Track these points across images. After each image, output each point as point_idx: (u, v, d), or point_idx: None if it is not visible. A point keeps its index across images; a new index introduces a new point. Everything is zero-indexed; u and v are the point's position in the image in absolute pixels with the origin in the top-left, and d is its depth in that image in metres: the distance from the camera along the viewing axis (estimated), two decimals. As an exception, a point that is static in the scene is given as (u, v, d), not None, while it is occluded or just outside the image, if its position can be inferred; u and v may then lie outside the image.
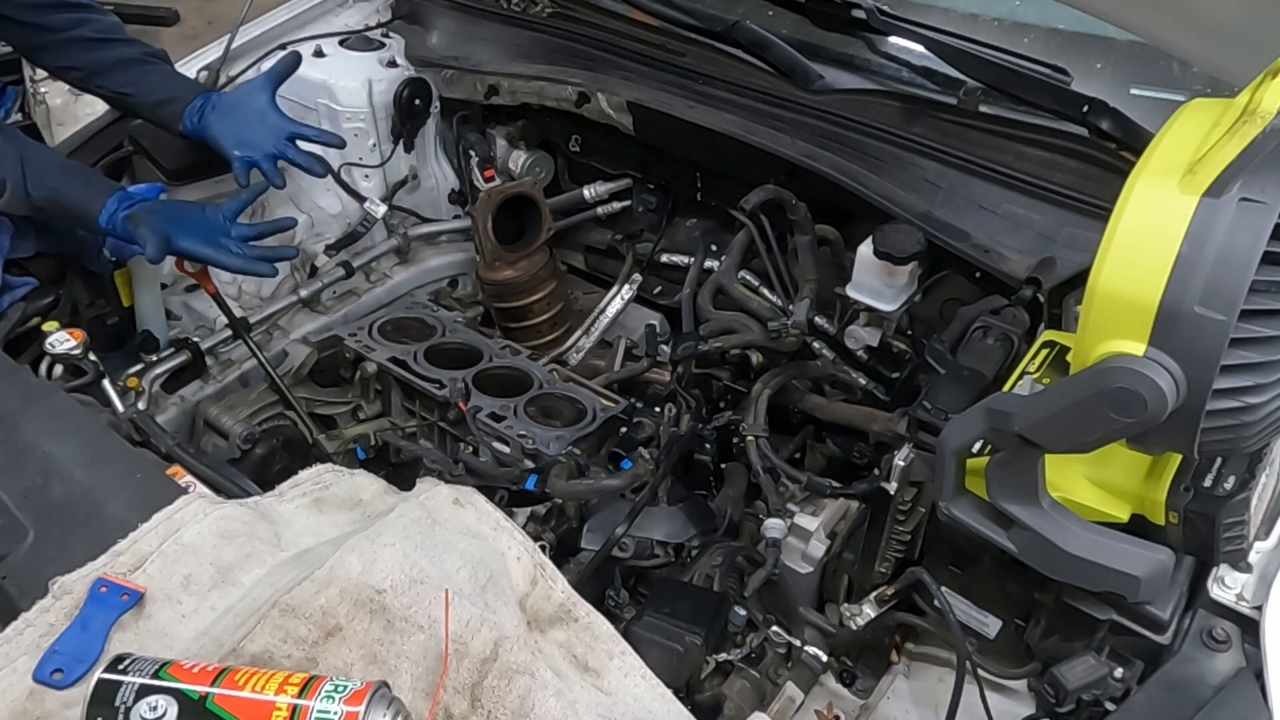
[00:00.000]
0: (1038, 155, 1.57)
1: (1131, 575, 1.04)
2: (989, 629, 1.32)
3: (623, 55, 1.98)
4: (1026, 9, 2.58)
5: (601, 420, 1.68)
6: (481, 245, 1.97)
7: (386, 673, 1.03)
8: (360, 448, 1.84)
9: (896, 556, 1.40)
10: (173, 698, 0.94)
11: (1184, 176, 0.88)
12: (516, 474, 1.60)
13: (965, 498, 1.13)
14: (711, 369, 1.77)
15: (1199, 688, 1.04)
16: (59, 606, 1.12)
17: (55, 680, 1.04)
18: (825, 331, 1.67)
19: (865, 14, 1.72)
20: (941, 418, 1.23)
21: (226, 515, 1.21)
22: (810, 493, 1.54)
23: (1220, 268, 0.84)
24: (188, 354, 1.77)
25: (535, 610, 1.17)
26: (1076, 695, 1.11)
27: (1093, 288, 0.90)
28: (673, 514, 1.58)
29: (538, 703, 1.02)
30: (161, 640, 1.08)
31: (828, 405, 1.66)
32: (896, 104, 1.70)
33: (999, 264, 1.47)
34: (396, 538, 1.12)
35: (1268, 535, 1.15)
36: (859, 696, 1.50)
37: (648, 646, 1.23)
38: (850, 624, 1.40)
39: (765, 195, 1.62)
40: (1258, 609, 1.08)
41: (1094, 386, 0.90)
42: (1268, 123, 0.91)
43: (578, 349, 2.04)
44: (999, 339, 1.36)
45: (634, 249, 2.04)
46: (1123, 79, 2.21)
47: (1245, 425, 0.91)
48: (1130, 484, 1.10)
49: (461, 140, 2.12)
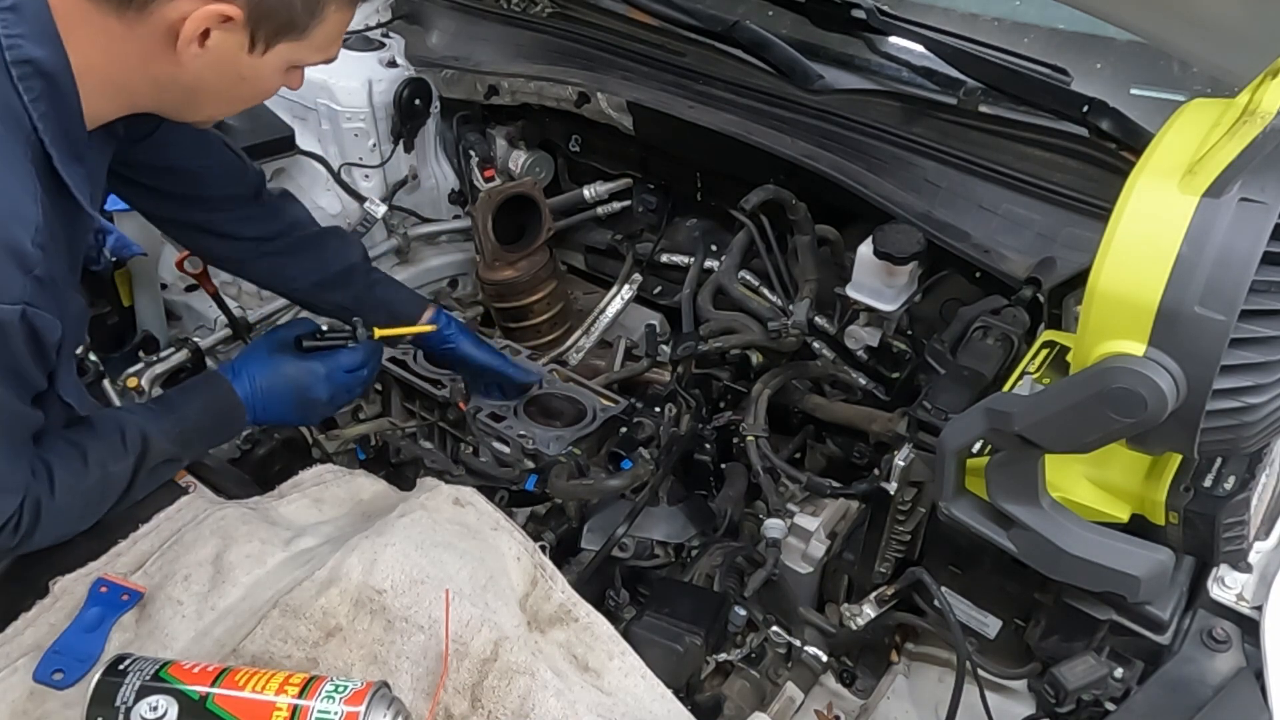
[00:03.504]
0: (1038, 155, 1.57)
1: (1131, 575, 1.04)
2: (989, 629, 1.32)
3: (623, 55, 1.98)
4: (1026, 9, 2.59)
5: (601, 420, 1.68)
6: (481, 245, 1.97)
7: (387, 673, 1.03)
8: (360, 448, 1.84)
9: (896, 556, 1.40)
10: (173, 698, 0.94)
11: (1184, 176, 0.88)
12: (516, 474, 1.60)
13: (965, 498, 1.13)
14: (711, 369, 1.77)
15: (1199, 688, 1.04)
16: (59, 606, 1.12)
17: (56, 680, 1.04)
18: (825, 331, 1.67)
19: (865, 14, 1.72)
20: (941, 418, 1.23)
21: (227, 515, 1.21)
22: (810, 493, 1.54)
23: (1220, 268, 0.84)
24: (188, 354, 1.77)
25: (535, 610, 1.18)
26: (1076, 695, 1.11)
27: (1093, 288, 0.90)
28: (673, 514, 1.58)
29: (538, 703, 1.02)
30: (161, 640, 1.08)
31: (828, 405, 1.66)
32: (896, 104, 1.70)
33: (999, 264, 1.47)
34: (397, 538, 1.12)
35: (1268, 535, 1.15)
36: (859, 696, 1.50)
37: (648, 646, 1.23)
38: (850, 624, 1.40)
39: (765, 195, 1.62)
40: (1258, 609, 1.08)
41: (1094, 386, 0.90)
42: (1268, 123, 0.91)
43: (578, 349, 2.04)
44: (999, 339, 1.36)
45: (634, 249, 2.04)
46: (1123, 79, 2.21)
47: (1245, 425, 0.91)
48: (1130, 484, 1.10)
49: (461, 140, 2.12)
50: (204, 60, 1.03)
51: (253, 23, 1.02)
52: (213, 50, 1.02)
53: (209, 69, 1.05)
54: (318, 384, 1.39)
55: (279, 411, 1.38)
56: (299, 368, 1.38)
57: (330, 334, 1.43)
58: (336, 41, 1.13)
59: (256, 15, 1.01)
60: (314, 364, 1.39)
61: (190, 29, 0.99)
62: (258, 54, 1.06)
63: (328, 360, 1.40)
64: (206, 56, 1.03)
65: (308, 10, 1.05)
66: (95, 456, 1.15)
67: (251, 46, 1.04)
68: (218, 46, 1.02)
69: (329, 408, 1.44)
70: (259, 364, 1.36)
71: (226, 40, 1.02)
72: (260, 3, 1.00)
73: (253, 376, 1.35)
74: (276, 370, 1.36)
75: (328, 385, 1.40)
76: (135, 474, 1.19)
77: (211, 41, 1.02)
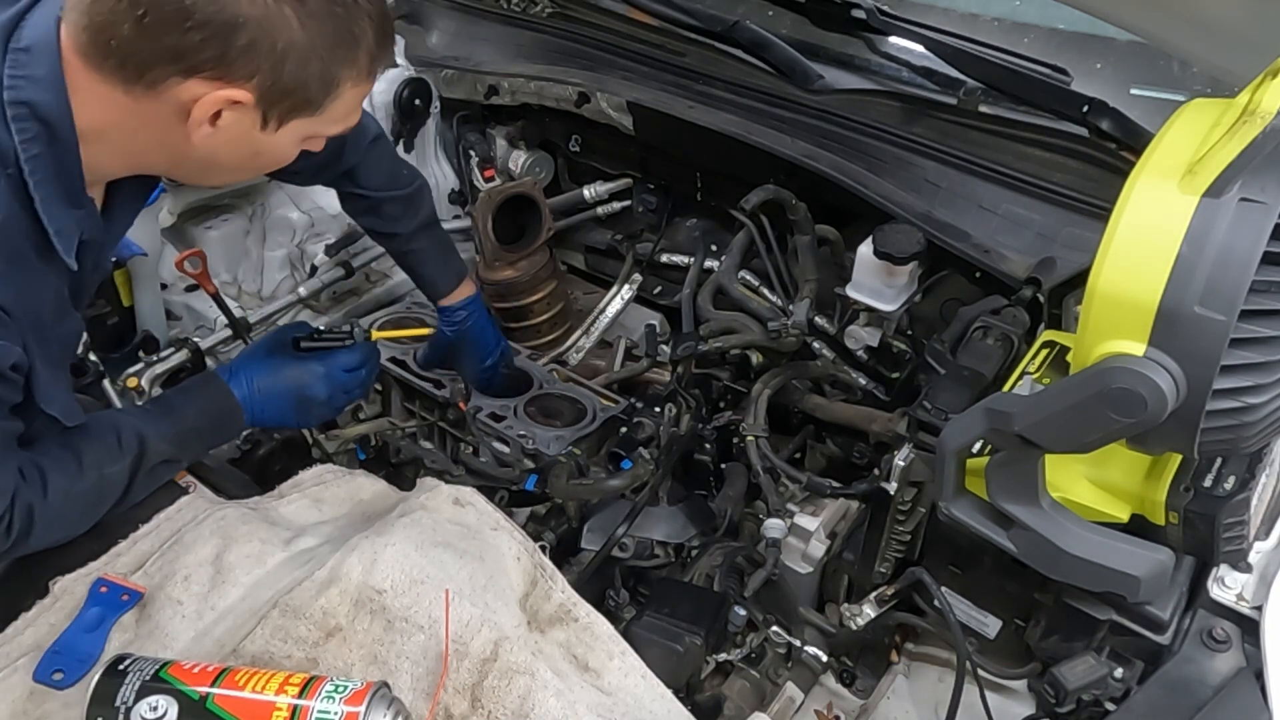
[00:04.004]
0: (1038, 155, 1.57)
1: (1131, 575, 1.04)
2: (989, 629, 1.32)
3: (623, 55, 1.98)
4: (1026, 9, 2.59)
5: (601, 420, 1.68)
6: (481, 245, 1.97)
7: (387, 673, 1.03)
8: (360, 448, 1.84)
9: (896, 556, 1.40)
10: (173, 698, 0.94)
11: (1184, 176, 0.88)
12: (516, 474, 1.60)
13: (965, 498, 1.13)
14: (711, 369, 1.77)
15: (1199, 688, 1.04)
16: (59, 606, 1.12)
17: (56, 680, 1.04)
18: (825, 331, 1.67)
19: (865, 14, 1.72)
20: (941, 418, 1.23)
21: (227, 516, 1.21)
22: (810, 493, 1.54)
23: (1220, 268, 0.84)
24: (188, 354, 1.77)
25: (535, 610, 1.18)
26: (1076, 695, 1.11)
27: (1093, 288, 0.90)
28: (673, 514, 1.58)
29: (538, 703, 1.02)
30: (161, 640, 1.08)
31: (828, 405, 1.66)
32: (896, 104, 1.70)
33: (999, 264, 1.47)
34: (397, 538, 1.12)
35: (1268, 535, 1.15)
36: (859, 696, 1.50)
37: (648, 646, 1.23)
38: (850, 624, 1.40)
39: (765, 195, 1.62)
40: (1258, 609, 1.08)
41: (1094, 386, 0.90)
42: (1268, 123, 0.91)
43: (578, 349, 2.04)
44: (999, 339, 1.36)
45: (634, 249, 2.04)
46: (1123, 79, 2.22)
47: (1245, 425, 0.91)
48: (1130, 484, 1.10)
49: (461, 140, 2.12)
50: (217, 139, 1.01)
51: (265, 104, 0.99)
52: (225, 130, 1.00)
53: (222, 146, 1.03)
54: (316, 384, 1.38)
55: (277, 412, 1.37)
56: (297, 368, 1.38)
57: (328, 334, 1.43)
58: (355, 113, 1.11)
59: (269, 97, 0.99)
60: (312, 364, 1.39)
61: (200, 113, 0.97)
62: (271, 130, 1.03)
63: (325, 360, 1.40)
64: (219, 136, 1.01)
65: (322, 90, 1.02)
66: (91, 459, 1.15)
67: (264, 124, 1.02)
68: (230, 126, 1.00)
69: (327, 408, 1.44)
70: (256, 365, 1.36)
71: (239, 120, 1.00)
72: (273, 85, 0.97)
73: (250, 378, 1.34)
74: (274, 371, 1.36)
75: (326, 385, 1.39)
76: (133, 476, 1.19)
77: (223, 121, 0.99)
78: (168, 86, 0.96)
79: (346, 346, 1.42)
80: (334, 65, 1.01)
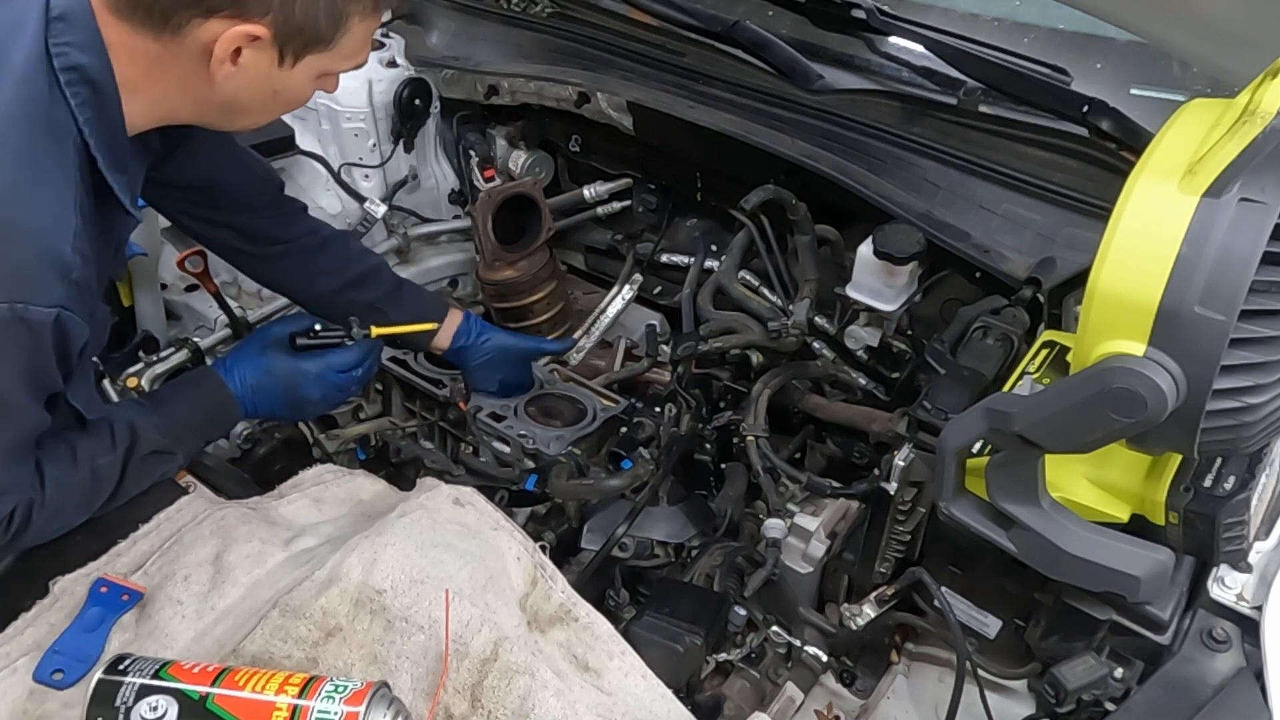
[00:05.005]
0: (1038, 155, 1.57)
1: (1131, 575, 1.04)
2: (989, 629, 1.32)
3: (623, 55, 1.98)
4: (1026, 9, 2.59)
5: (601, 420, 1.68)
6: (481, 245, 1.97)
7: (387, 673, 1.04)
8: (360, 448, 1.84)
9: (896, 556, 1.40)
10: (173, 698, 0.94)
11: (1184, 177, 0.88)
12: (516, 474, 1.60)
13: (965, 498, 1.13)
14: (711, 369, 1.77)
15: (1199, 688, 1.04)
16: (59, 606, 1.12)
17: (55, 680, 1.04)
18: (825, 331, 1.67)
19: (865, 14, 1.72)
20: (941, 418, 1.23)
21: (227, 516, 1.21)
22: (810, 493, 1.54)
23: (1220, 268, 0.84)
24: (188, 354, 1.77)
25: (535, 610, 1.18)
26: (1076, 695, 1.11)
27: (1093, 288, 0.90)
28: (673, 514, 1.58)
29: (538, 703, 1.02)
30: (161, 640, 1.08)
31: (828, 405, 1.66)
32: (896, 104, 1.70)
33: (999, 264, 1.47)
34: (397, 538, 1.12)
35: (1268, 535, 1.15)
36: (859, 696, 1.50)
37: (648, 646, 1.23)
38: (850, 624, 1.40)
39: (765, 195, 1.62)
40: (1258, 609, 1.08)
41: (1094, 386, 0.90)
42: (1268, 123, 0.91)
43: (578, 349, 2.04)
44: (999, 339, 1.36)
45: (634, 249, 2.04)
46: (1123, 79, 2.22)
47: (1245, 425, 0.91)
48: (1130, 484, 1.10)
49: (461, 140, 2.12)
50: (238, 78, 1.07)
51: (280, 39, 1.05)
52: (245, 68, 1.06)
53: (243, 85, 1.08)
54: (308, 384, 1.39)
55: (269, 409, 1.40)
56: (289, 367, 1.38)
57: (325, 332, 1.42)
58: (365, 48, 1.16)
59: (283, 32, 1.04)
60: (305, 364, 1.39)
61: (221, 49, 1.03)
62: (288, 67, 1.09)
63: (319, 360, 1.40)
64: (240, 74, 1.06)
65: (331, 23, 1.07)
66: (84, 452, 1.17)
67: (281, 61, 1.07)
68: (249, 64, 1.06)
69: (322, 406, 1.45)
70: (249, 362, 1.37)
71: (257, 57, 1.05)
72: (285, 20, 1.03)
73: (243, 375, 1.36)
74: (267, 369, 1.37)
75: (318, 385, 1.40)
76: (125, 467, 1.20)
77: (243, 59, 1.05)
78: (190, 29, 1.01)
79: (343, 345, 1.42)
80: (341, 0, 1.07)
